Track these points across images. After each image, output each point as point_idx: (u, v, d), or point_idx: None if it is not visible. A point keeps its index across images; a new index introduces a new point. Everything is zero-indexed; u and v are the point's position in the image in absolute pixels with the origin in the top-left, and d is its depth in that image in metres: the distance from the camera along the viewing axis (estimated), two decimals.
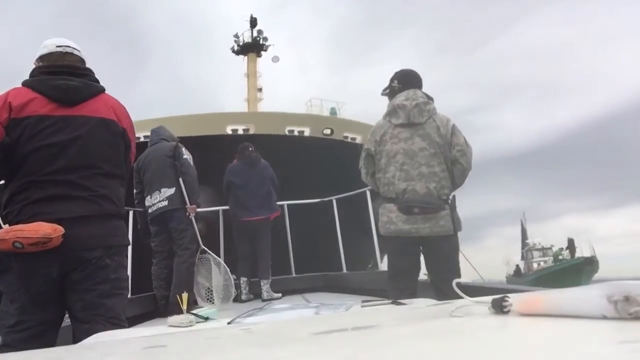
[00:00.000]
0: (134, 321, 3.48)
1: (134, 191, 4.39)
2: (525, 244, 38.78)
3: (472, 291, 0.93)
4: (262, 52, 19.52)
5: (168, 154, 4.26)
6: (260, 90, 19.21)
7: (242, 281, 5.02)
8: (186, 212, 4.17)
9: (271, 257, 5.14)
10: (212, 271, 4.27)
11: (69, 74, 1.96)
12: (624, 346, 0.48)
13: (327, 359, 0.58)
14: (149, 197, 4.28)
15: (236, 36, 19.77)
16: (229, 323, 1.22)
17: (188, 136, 8.98)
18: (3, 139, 1.81)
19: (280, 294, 4.99)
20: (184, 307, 1.49)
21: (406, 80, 2.99)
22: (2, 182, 1.93)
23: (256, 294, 5.02)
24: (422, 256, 2.87)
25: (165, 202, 4.16)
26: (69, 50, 2.03)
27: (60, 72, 1.95)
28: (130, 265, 3.60)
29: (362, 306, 1.32)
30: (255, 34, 19.43)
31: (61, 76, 1.94)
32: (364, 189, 5.18)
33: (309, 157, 10.93)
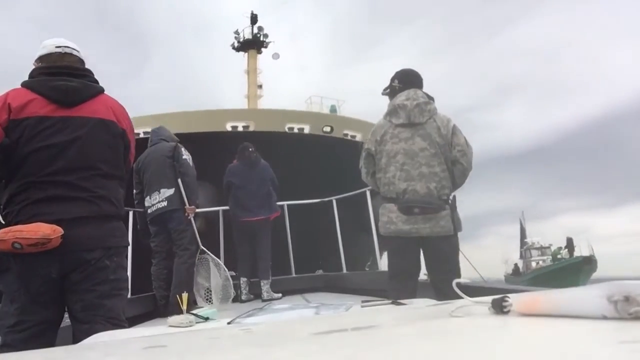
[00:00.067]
0: (134, 321, 3.48)
1: (133, 191, 4.39)
2: (523, 243, 38.68)
3: (472, 291, 0.93)
4: (263, 49, 19.47)
5: (167, 154, 4.26)
6: (260, 87, 19.16)
7: (242, 281, 5.01)
8: (185, 212, 4.17)
9: (271, 257, 5.14)
10: (211, 272, 4.28)
11: (69, 75, 1.96)
12: (624, 346, 0.48)
13: (327, 359, 0.58)
14: (148, 197, 4.28)
15: (236, 33, 19.72)
16: (229, 323, 1.22)
17: (188, 133, 8.96)
18: (2, 140, 1.81)
19: (280, 294, 4.99)
20: (184, 307, 1.48)
21: (407, 80, 2.99)
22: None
23: (256, 294, 5.02)
24: (422, 256, 2.87)
25: (165, 203, 4.17)
26: (68, 51, 2.02)
27: (59, 73, 1.95)
28: (130, 265, 3.60)
29: (362, 306, 1.32)
30: (255, 30, 19.39)
31: (60, 77, 1.93)
32: (364, 189, 5.17)
33: (308, 155, 10.89)
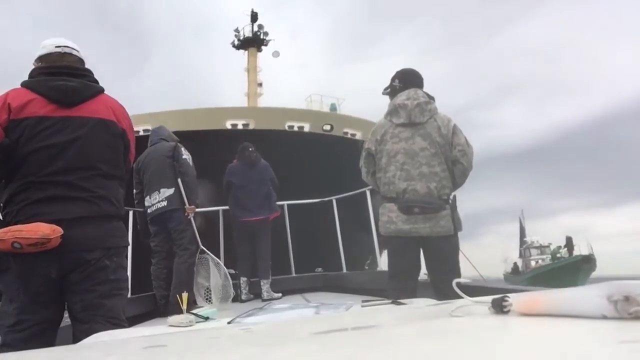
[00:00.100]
0: (134, 321, 3.48)
1: (133, 191, 4.39)
2: (523, 242, 38.63)
3: (472, 291, 0.93)
4: (263, 47, 19.44)
5: (167, 154, 4.26)
6: (260, 85, 19.12)
7: (242, 281, 5.01)
8: (185, 212, 4.17)
9: (271, 257, 5.14)
10: (210, 272, 4.28)
11: (68, 75, 1.96)
12: (624, 346, 0.48)
13: (327, 359, 0.58)
14: (148, 197, 4.28)
15: (237, 31, 19.70)
16: (229, 323, 1.22)
17: (187, 131, 8.95)
18: (2, 140, 1.81)
19: (280, 294, 4.99)
20: (184, 307, 1.49)
21: (407, 80, 2.99)
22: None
23: (256, 294, 5.02)
24: (422, 256, 2.87)
25: (165, 203, 4.17)
26: (67, 51, 2.02)
27: (59, 73, 1.95)
28: (130, 265, 3.60)
29: (362, 306, 1.32)
30: (255, 28, 19.36)
31: (60, 77, 1.93)
32: (364, 189, 5.17)
33: (308, 153, 10.89)
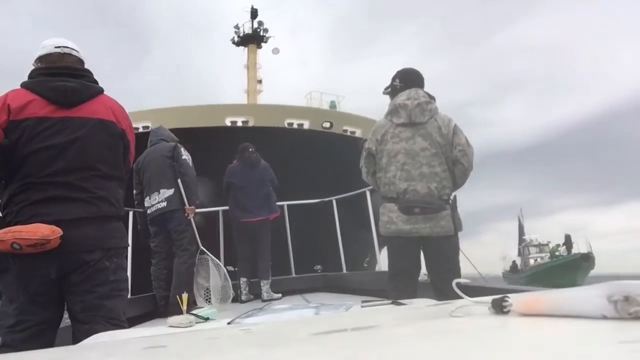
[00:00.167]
0: (134, 321, 3.48)
1: (133, 192, 4.39)
2: (522, 240, 38.63)
3: (472, 291, 0.93)
4: (262, 44, 19.32)
5: (167, 154, 4.26)
6: (259, 82, 19.00)
7: (241, 281, 5.01)
8: (185, 213, 4.17)
9: (271, 257, 5.14)
10: (210, 272, 4.27)
11: (68, 75, 1.95)
12: (624, 346, 0.48)
13: (327, 359, 0.58)
14: (148, 198, 4.28)
15: (236, 27, 19.55)
16: (228, 323, 1.22)
17: (187, 127, 8.93)
18: (2, 141, 1.81)
19: (280, 294, 4.99)
20: (184, 307, 1.49)
21: (408, 79, 2.99)
22: None
23: (256, 294, 5.01)
24: (422, 256, 2.87)
25: (164, 203, 4.16)
26: (67, 51, 2.02)
27: (58, 74, 1.95)
28: (130, 265, 3.60)
29: (362, 306, 1.32)
30: (255, 25, 19.24)
31: (60, 77, 1.93)
32: (364, 189, 5.17)
33: (308, 151, 10.83)
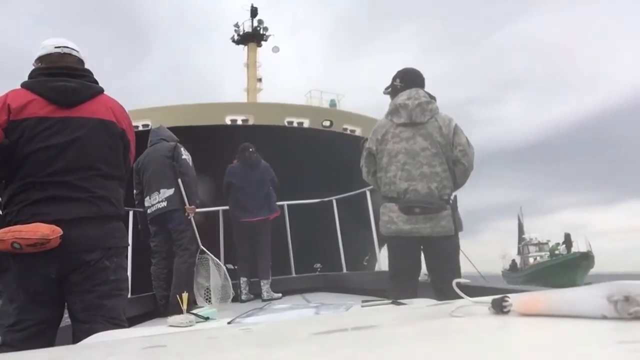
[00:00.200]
0: (134, 321, 3.48)
1: (134, 192, 4.39)
2: (521, 239, 38.58)
3: (472, 291, 0.93)
4: (262, 42, 19.32)
5: (167, 154, 4.26)
6: (259, 80, 19.01)
7: (242, 281, 5.01)
8: (185, 212, 4.17)
9: (271, 257, 5.14)
10: (210, 272, 4.28)
11: (68, 75, 1.96)
12: (624, 346, 0.48)
13: (327, 359, 0.58)
14: (148, 197, 4.28)
15: (236, 26, 19.56)
16: (229, 323, 1.22)
17: (187, 126, 8.93)
18: (2, 141, 1.81)
19: (280, 294, 4.99)
20: (184, 307, 1.49)
21: (408, 79, 2.98)
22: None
23: (256, 294, 5.01)
24: (422, 256, 2.87)
25: (165, 203, 4.16)
26: (67, 51, 2.02)
27: (58, 74, 1.95)
28: (130, 265, 3.60)
29: (362, 306, 1.32)
30: (255, 23, 19.23)
31: (60, 77, 1.93)
32: (364, 189, 5.17)
33: (308, 149, 10.83)
